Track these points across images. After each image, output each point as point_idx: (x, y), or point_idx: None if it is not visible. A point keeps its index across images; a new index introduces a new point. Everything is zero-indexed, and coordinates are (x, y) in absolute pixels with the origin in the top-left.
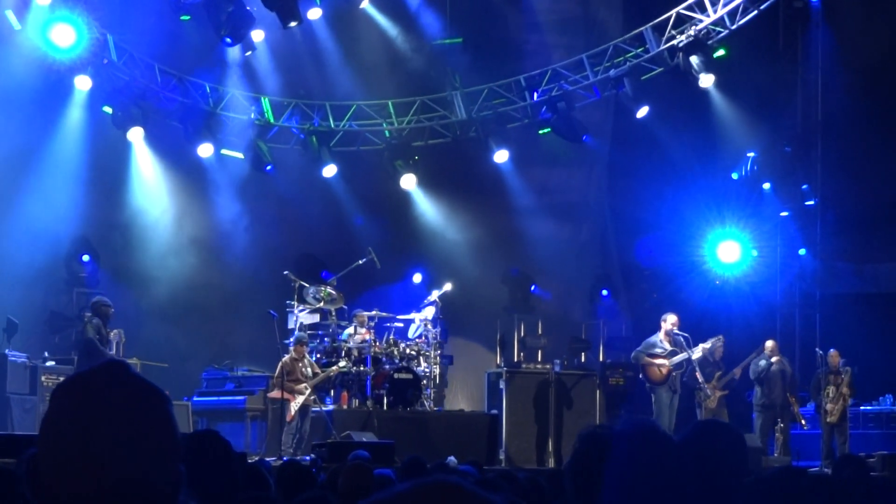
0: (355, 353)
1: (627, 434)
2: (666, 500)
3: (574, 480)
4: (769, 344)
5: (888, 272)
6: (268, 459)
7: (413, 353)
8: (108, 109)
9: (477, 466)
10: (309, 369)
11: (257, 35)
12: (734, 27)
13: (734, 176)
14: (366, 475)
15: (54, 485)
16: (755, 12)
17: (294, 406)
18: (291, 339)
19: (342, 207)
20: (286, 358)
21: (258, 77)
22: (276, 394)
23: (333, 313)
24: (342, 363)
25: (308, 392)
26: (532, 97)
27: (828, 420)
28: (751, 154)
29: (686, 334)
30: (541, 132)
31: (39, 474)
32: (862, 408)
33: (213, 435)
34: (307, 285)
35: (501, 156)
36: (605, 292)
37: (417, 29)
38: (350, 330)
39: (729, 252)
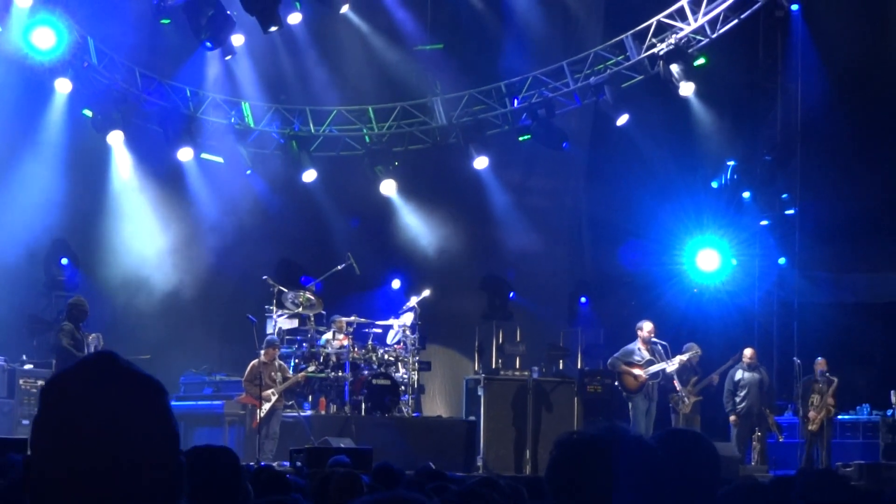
0: (333, 358)
1: (612, 443)
2: None
3: (552, 488)
4: (748, 352)
5: (866, 282)
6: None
7: (391, 359)
8: (87, 112)
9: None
10: (279, 374)
11: (237, 39)
12: (714, 36)
13: (714, 184)
14: (356, 483)
15: (51, 488)
16: (736, 21)
17: (260, 413)
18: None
19: (322, 212)
20: (255, 361)
21: (238, 81)
22: (245, 398)
23: (312, 319)
24: (311, 368)
25: (275, 398)
26: (512, 104)
27: (809, 428)
28: (730, 163)
29: (665, 343)
30: (521, 139)
31: (34, 479)
32: (840, 417)
33: (224, 451)
34: (286, 290)
35: (481, 162)
36: (583, 300)
37: (398, 34)
38: (328, 335)
39: (708, 260)
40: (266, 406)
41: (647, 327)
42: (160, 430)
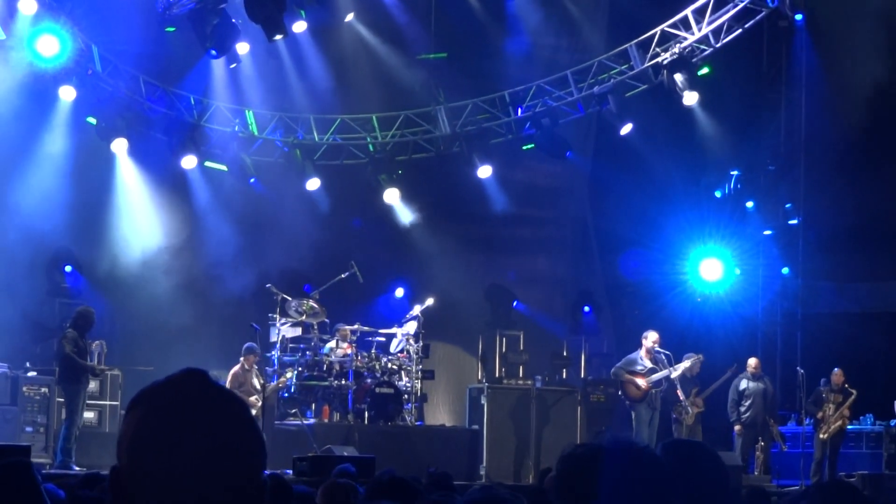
0: (337, 366)
1: (617, 454)
2: None
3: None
4: (752, 362)
5: (870, 292)
6: None
7: (395, 367)
8: (92, 120)
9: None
10: (256, 381)
11: (242, 48)
12: (719, 45)
13: (717, 194)
14: (345, 494)
15: (143, 500)
16: (740, 31)
17: None
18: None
19: (325, 221)
20: (236, 368)
21: (243, 89)
22: None
23: (315, 327)
24: (288, 374)
25: (259, 405)
26: (516, 113)
27: (821, 436)
28: (734, 172)
29: (667, 352)
30: (524, 148)
31: (125, 489)
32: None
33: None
34: (289, 298)
35: (485, 171)
36: (587, 309)
37: (402, 43)
38: (332, 344)
39: (711, 270)
40: (252, 412)
41: (652, 337)
42: (252, 446)
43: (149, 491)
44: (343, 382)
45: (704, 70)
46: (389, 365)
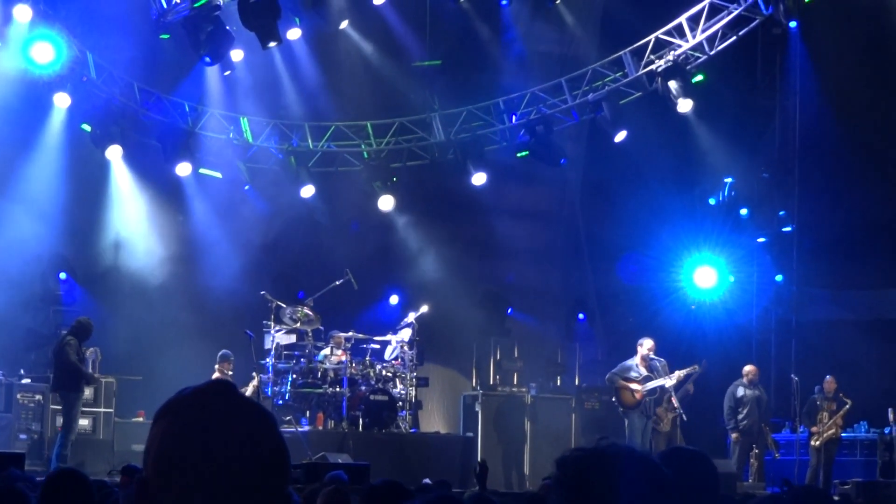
0: (331, 374)
1: (620, 461)
2: None
3: None
4: (748, 369)
5: (863, 299)
6: None
7: (389, 374)
8: (86, 127)
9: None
10: None
11: (236, 55)
12: (713, 53)
13: (711, 201)
14: (343, 499)
15: None
16: (734, 38)
17: None
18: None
19: (320, 228)
20: (215, 376)
21: (237, 97)
22: None
23: (310, 334)
24: (255, 380)
25: None
26: (510, 120)
27: (813, 444)
28: (728, 180)
29: (663, 360)
30: (519, 155)
31: (151, 500)
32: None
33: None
34: (284, 306)
35: (479, 178)
36: (581, 316)
37: (397, 51)
38: (326, 351)
39: (705, 277)
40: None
41: (647, 344)
42: (277, 458)
43: (174, 502)
44: (337, 389)
45: (698, 77)
46: (384, 372)
